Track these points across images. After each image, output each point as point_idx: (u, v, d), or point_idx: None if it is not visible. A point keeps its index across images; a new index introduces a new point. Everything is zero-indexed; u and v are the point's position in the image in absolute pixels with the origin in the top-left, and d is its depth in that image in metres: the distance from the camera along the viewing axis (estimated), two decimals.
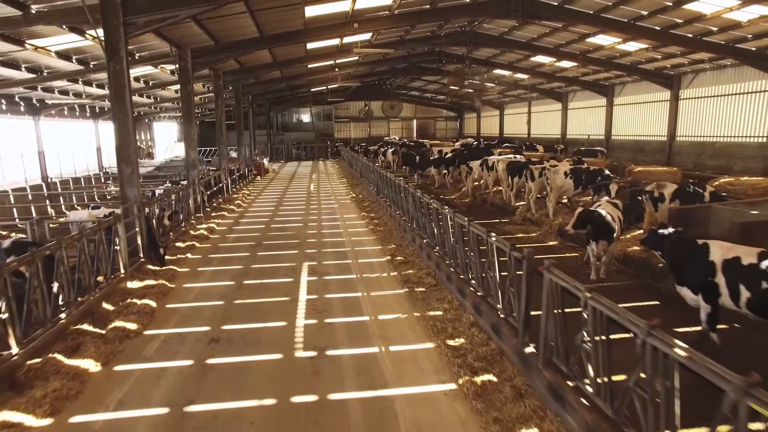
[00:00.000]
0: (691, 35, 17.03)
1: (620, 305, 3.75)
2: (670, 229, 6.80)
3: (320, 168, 35.13)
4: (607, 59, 22.44)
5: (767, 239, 7.03)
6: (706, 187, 10.35)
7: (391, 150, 30.01)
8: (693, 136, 22.41)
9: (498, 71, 29.30)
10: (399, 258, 10.22)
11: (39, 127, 19.98)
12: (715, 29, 16.12)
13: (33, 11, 8.88)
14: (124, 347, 6.42)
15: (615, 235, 8.43)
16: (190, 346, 6.46)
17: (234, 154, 29.42)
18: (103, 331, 6.70)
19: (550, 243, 11.64)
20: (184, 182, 15.65)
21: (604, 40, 19.63)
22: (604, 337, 3.98)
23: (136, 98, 23.40)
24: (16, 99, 18.29)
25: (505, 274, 5.93)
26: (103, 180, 24.45)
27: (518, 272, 5.51)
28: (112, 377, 5.68)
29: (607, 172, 13.59)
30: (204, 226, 13.97)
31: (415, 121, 52.29)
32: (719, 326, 6.18)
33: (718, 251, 5.97)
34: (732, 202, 9.41)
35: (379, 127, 51.11)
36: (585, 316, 4.17)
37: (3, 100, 17.62)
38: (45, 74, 14.49)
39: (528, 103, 38.14)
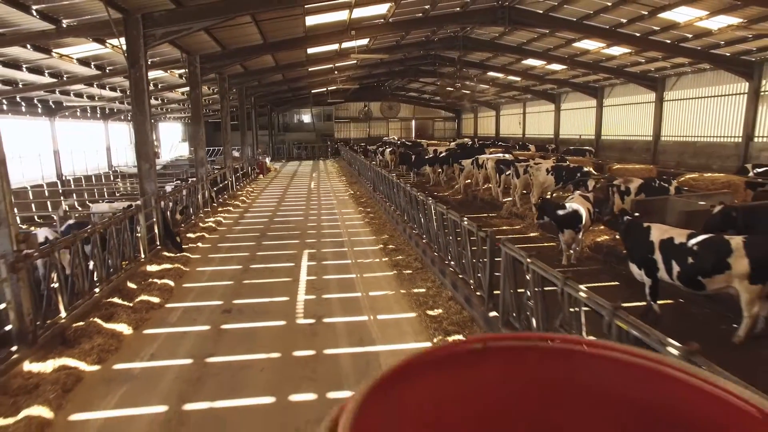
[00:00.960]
0: (669, 41, 18.09)
1: (583, 285, 4.63)
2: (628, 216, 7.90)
3: (320, 167, 36.17)
4: (594, 62, 23.47)
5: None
6: (672, 182, 11.47)
7: (389, 150, 31.02)
8: (676, 136, 23.45)
9: (491, 73, 30.36)
10: (390, 246, 11.28)
11: (54, 128, 21.11)
12: (690, 36, 17.17)
13: (64, 25, 9.99)
14: (150, 316, 7.50)
15: (582, 224, 9.47)
16: (206, 315, 7.54)
17: (237, 154, 30.51)
18: (131, 304, 7.77)
19: (532, 234, 12.65)
20: (192, 179, 16.74)
21: (589, 44, 20.66)
22: (540, 291, 5.05)
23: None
24: (35, 101, 19.42)
25: (478, 261, 7.01)
26: (112, 178, 25.55)
27: (485, 253, 6.59)
28: (143, 338, 6.76)
29: (586, 168, 14.65)
30: (212, 219, 15.04)
31: (413, 121, 53.29)
32: (666, 301, 7.25)
33: (657, 232, 7.03)
34: (687, 194, 10.46)
35: (378, 127, 52.12)
36: (528, 277, 5.24)
37: (23, 103, 18.78)
38: (65, 79, 15.62)
39: (522, 104, 39.17)
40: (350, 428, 0.93)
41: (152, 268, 9.73)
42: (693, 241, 6.63)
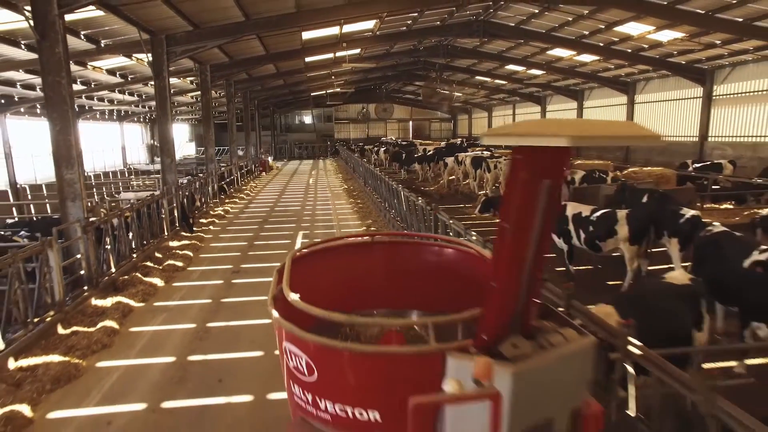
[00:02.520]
0: (630, 50, 20.13)
1: None
2: None
3: (320, 165, 38.29)
4: (570, 68, 25.51)
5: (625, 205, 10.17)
6: (608, 173, 13.60)
7: (383, 149, 33.21)
8: None
9: (479, 78, 32.43)
10: (373, 228, 13.38)
11: (78, 129, 23.28)
12: (646, 46, 19.23)
13: (102, 45, 12.14)
14: (176, 275, 9.63)
15: None
16: (220, 273, 9.67)
17: (241, 153, 32.67)
18: (161, 267, 9.90)
19: (497, 220, 14.75)
20: (201, 174, 18.88)
21: (561, 52, 22.69)
22: None
23: (154, 103, 26.70)
24: None
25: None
26: (127, 174, 27.73)
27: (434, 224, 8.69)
28: (173, 288, 8.89)
29: None
30: (220, 208, 17.20)
31: (411, 122, 55.36)
32: (586, 267, 9.32)
33: (570, 208, 9.13)
34: (617, 183, 12.53)
35: (376, 128, 54.22)
36: (450, 233, 7.33)
37: None
38: (93, 86, 17.81)
39: (513, 106, 41.26)
40: (289, 275, 3.05)
41: (173, 243, 11.88)
42: (594, 215, 8.73)
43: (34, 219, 13.02)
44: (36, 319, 6.47)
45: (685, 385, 2.63)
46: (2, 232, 9.92)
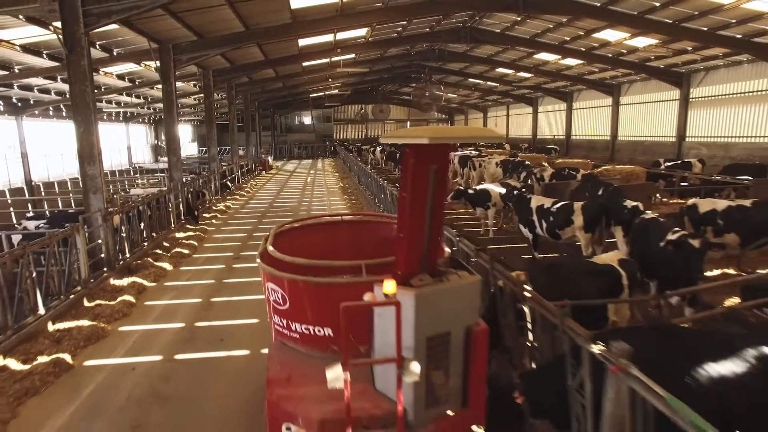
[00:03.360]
0: (611, 55, 21.22)
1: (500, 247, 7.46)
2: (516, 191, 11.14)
3: (318, 165, 39.41)
4: (556, 71, 26.61)
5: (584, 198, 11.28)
6: (579, 170, 14.70)
7: (379, 149, 34.30)
8: (629, 136, 26.57)
9: (472, 80, 33.53)
10: None
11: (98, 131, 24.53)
12: (625, 51, 20.31)
13: (115, 53, 13.29)
14: (183, 261, 10.77)
15: (490, 203, 12.51)
16: (222, 260, 10.80)
17: (242, 153, 33.83)
18: (169, 254, 11.04)
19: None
20: (204, 173, 20.01)
21: (547, 56, 23.80)
22: None
23: (159, 105, 27.82)
24: None
25: None
26: (132, 173, 28.91)
27: None
28: (181, 271, 10.03)
29: (527, 162, 17.86)
30: (222, 204, 18.34)
31: (408, 123, 56.41)
32: (553, 254, 10.40)
33: (534, 201, 10.23)
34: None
35: (374, 128, 55.31)
36: None
37: (64, 109, 22.16)
38: (103, 90, 18.98)
39: (506, 107, 42.34)
40: (273, 242, 4.27)
41: (179, 234, 13.02)
42: (555, 206, 9.84)
43: (48, 213, 14.17)
44: (65, 294, 7.61)
45: (551, 312, 3.76)
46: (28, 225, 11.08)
